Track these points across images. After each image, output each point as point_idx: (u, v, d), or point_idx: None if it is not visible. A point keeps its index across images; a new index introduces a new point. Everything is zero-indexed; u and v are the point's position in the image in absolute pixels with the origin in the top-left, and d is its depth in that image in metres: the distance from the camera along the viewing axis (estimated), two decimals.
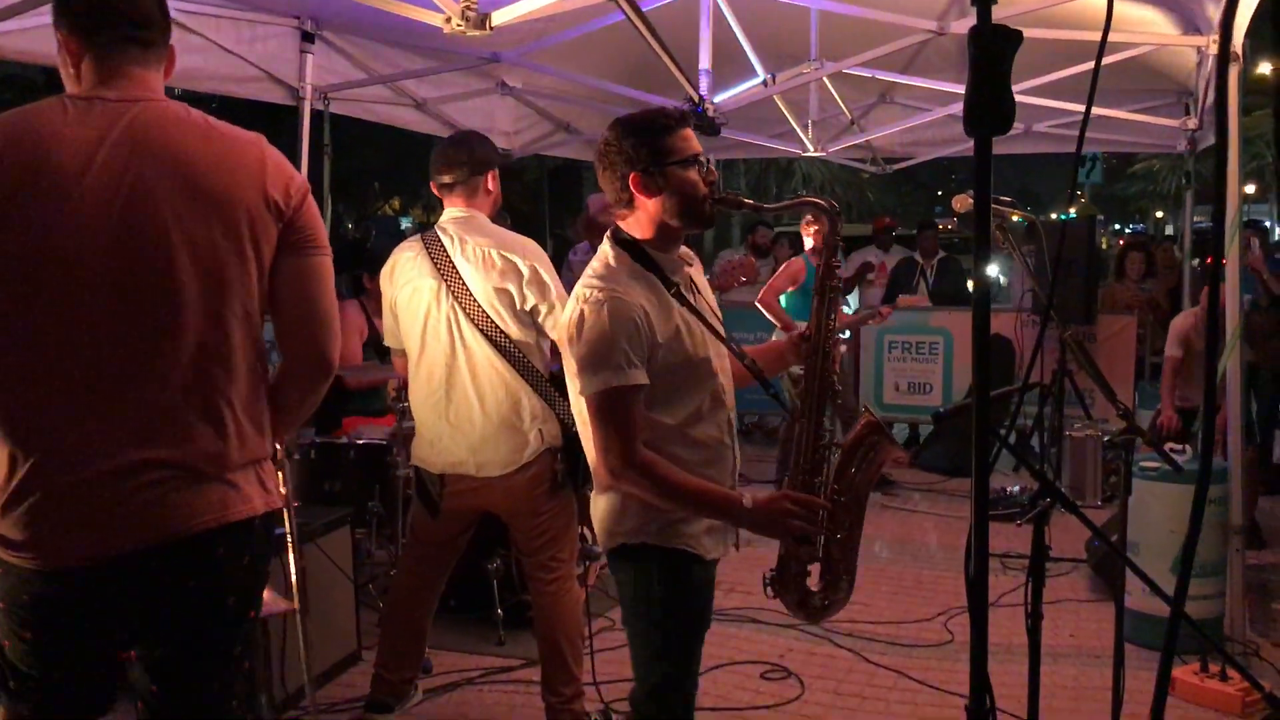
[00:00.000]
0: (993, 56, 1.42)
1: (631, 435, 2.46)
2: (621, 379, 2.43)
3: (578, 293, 2.55)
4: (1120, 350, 8.20)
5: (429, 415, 3.67)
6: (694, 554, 2.61)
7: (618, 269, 2.57)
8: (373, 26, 5.82)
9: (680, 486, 2.50)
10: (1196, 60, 6.32)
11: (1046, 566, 2.73)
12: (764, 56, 6.01)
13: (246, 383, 2.14)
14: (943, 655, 4.71)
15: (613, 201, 2.66)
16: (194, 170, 2.05)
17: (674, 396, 2.56)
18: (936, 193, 60.98)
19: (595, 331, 2.45)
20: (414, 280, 3.64)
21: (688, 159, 2.57)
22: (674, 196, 2.56)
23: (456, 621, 4.81)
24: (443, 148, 3.73)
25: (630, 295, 2.49)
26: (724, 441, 2.68)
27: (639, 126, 2.59)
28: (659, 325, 2.51)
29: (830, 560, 2.68)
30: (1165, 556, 4.60)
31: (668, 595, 2.62)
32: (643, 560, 2.60)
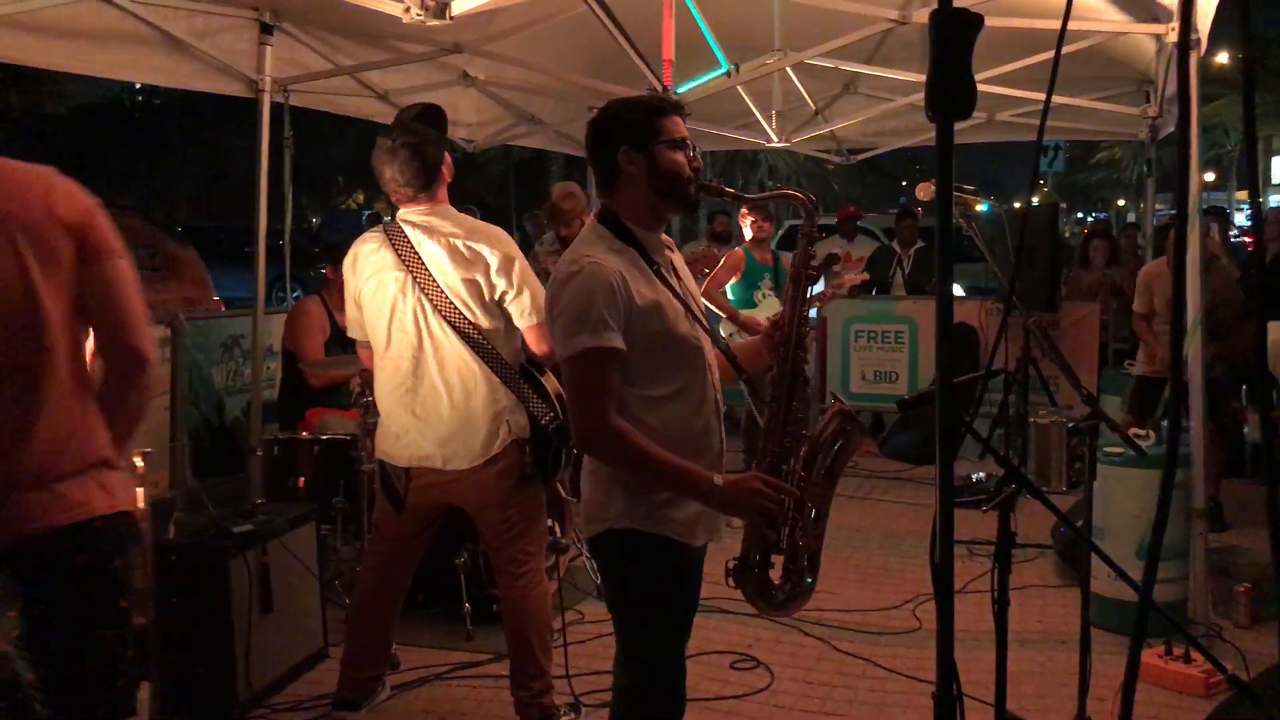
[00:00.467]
0: (953, 41, 1.41)
1: (605, 400, 2.47)
2: (597, 340, 2.44)
3: (555, 274, 2.58)
4: (1084, 337, 8.27)
5: (395, 408, 3.63)
6: (681, 542, 2.61)
7: (596, 242, 2.60)
8: (333, 18, 5.76)
9: (651, 458, 2.49)
10: (1156, 48, 6.36)
11: (1013, 553, 2.74)
12: (727, 47, 6.01)
13: (63, 393, 2.28)
14: (911, 642, 4.73)
15: (598, 177, 2.69)
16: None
17: (655, 371, 2.56)
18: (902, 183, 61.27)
19: (570, 296, 2.48)
20: (379, 273, 3.59)
21: (676, 141, 2.62)
22: (660, 175, 2.60)
23: (424, 617, 4.77)
24: (388, 162, 3.55)
25: (606, 262, 2.51)
26: (709, 425, 2.67)
27: (632, 105, 2.68)
28: (637, 292, 2.52)
29: (795, 552, 2.66)
30: (1130, 541, 4.63)
31: (654, 581, 2.62)
32: (629, 546, 2.60)
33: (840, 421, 2.67)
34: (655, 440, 2.51)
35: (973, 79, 1.46)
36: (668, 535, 2.59)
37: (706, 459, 2.64)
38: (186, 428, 6.56)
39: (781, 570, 2.69)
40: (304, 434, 5.19)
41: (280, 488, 5.10)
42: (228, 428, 6.93)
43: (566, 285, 2.50)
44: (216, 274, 10.12)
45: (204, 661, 3.89)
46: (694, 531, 2.64)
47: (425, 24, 3.83)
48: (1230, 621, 4.79)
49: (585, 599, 5.19)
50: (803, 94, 7.75)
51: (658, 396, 2.56)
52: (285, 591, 4.16)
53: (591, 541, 2.70)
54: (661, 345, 2.56)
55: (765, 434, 2.67)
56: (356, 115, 7.02)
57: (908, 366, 8.99)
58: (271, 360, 6.85)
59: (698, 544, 2.67)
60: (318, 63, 6.11)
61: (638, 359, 2.51)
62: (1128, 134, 8.75)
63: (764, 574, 2.67)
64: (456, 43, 5.82)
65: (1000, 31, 5.32)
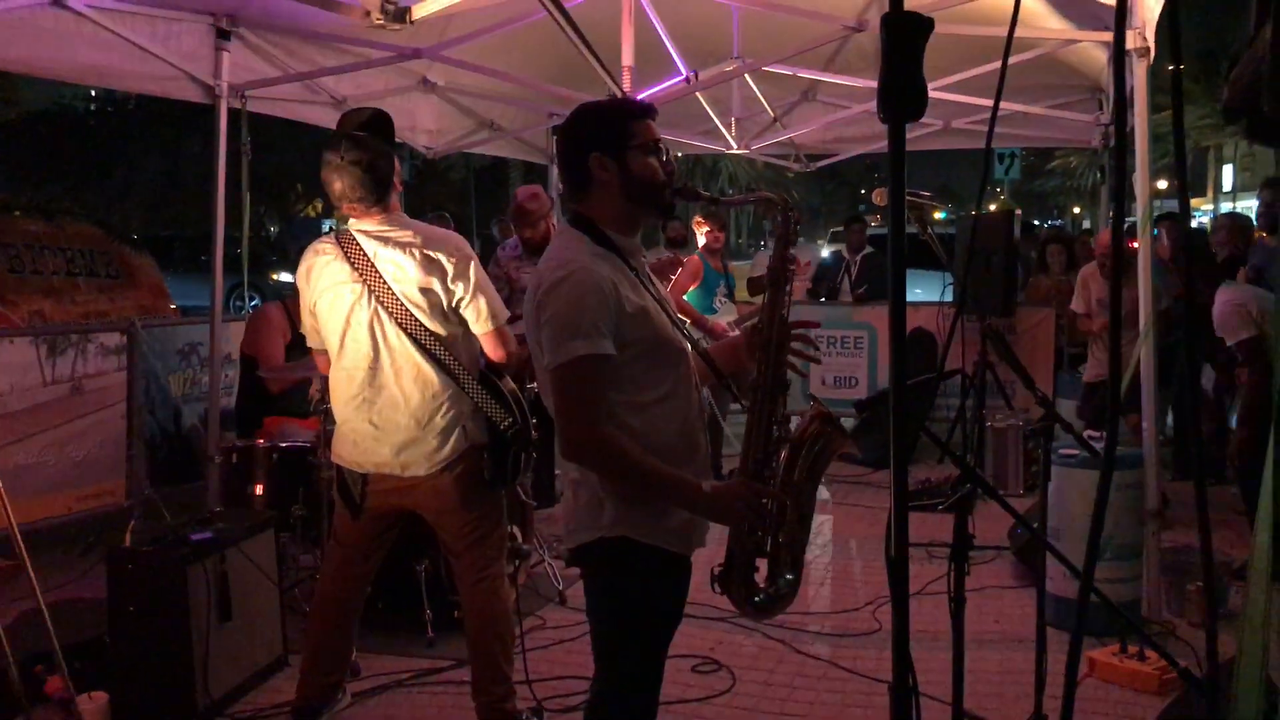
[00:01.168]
0: (905, 43, 1.43)
1: (596, 407, 2.44)
2: (589, 347, 2.40)
3: (540, 280, 2.51)
4: (1039, 341, 8.38)
5: (352, 416, 3.62)
6: (672, 552, 2.58)
7: (578, 248, 2.54)
8: (291, 23, 5.73)
9: (640, 466, 2.46)
10: (1107, 56, 6.46)
11: (970, 555, 2.78)
12: (686, 54, 6.03)
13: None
14: (871, 644, 4.77)
15: (570, 183, 2.64)
16: None
17: (643, 376, 2.53)
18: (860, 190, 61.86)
19: (561, 302, 2.42)
20: (334, 284, 3.58)
21: (649, 144, 2.58)
22: (634, 181, 2.56)
23: (385, 623, 4.75)
24: (339, 176, 3.51)
25: (595, 267, 2.47)
26: (694, 428, 2.65)
27: (603, 109, 2.66)
28: (626, 298, 2.49)
29: (777, 555, 2.64)
30: (1085, 542, 4.68)
31: (642, 592, 2.59)
32: (621, 555, 2.55)
33: (820, 423, 2.66)
34: (643, 445, 2.49)
35: (923, 81, 1.49)
36: (661, 546, 2.56)
37: (695, 462, 2.63)
38: (143, 436, 6.50)
39: (766, 573, 2.67)
40: (262, 442, 5.16)
41: (238, 496, 5.05)
42: (185, 436, 6.87)
43: (556, 291, 2.45)
44: (173, 283, 10.05)
45: (162, 670, 3.85)
46: (687, 541, 2.62)
47: (386, 28, 3.82)
48: (1183, 620, 4.86)
49: (547, 605, 5.19)
50: (761, 101, 7.81)
51: (645, 401, 2.53)
52: (244, 599, 4.13)
53: (579, 550, 2.64)
54: (649, 350, 2.54)
55: (747, 438, 2.64)
56: (315, 122, 6.98)
57: (867, 371, 9.07)
58: (229, 368, 6.80)
59: (689, 552, 2.65)
60: (275, 69, 6.08)
61: (626, 364, 2.48)
62: (1081, 141, 8.87)
63: (750, 578, 2.64)
64: (416, 48, 5.81)
65: (955, 39, 5.40)
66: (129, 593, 3.85)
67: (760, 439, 2.61)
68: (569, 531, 2.66)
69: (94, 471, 6.18)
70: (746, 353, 2.77)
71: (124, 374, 6.43)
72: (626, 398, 2.50)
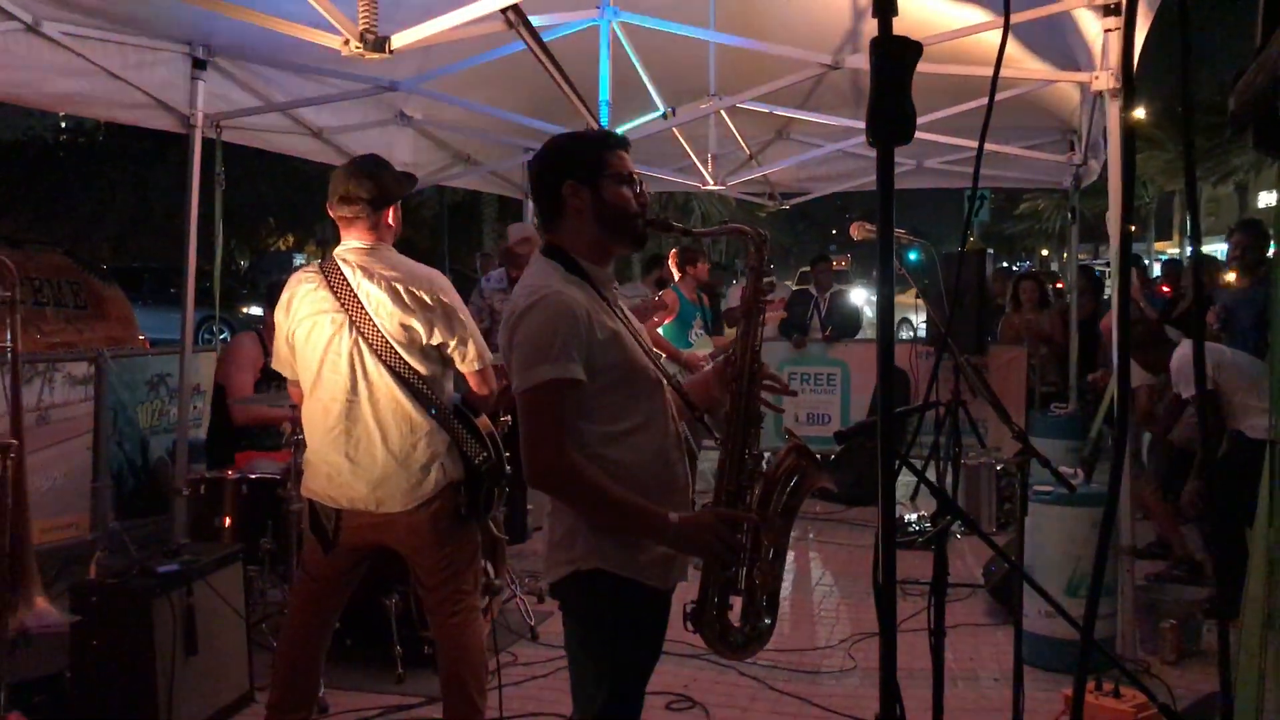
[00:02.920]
0: (894, 66, 1.43)
1: (562, 434, 2.39)
2: (558, 372, 2.37)
3: (514, 307, 2.49)
4: (1011, 380, 8.42)
5: (327, 449, 3.56)
6: (649, 586, 2.52)
7: (551, 274, 2.53)
8: (268, 53, 5.71)
9: (607, 495, 2.41)
10: (1080, 97, 6.54)
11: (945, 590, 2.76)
12: (664, 91, 6.07)
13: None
14: (846, 681, 4.74)
15: (543, 212, 2.63)
16: None
17: (618, 405, 2.48)
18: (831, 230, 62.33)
19: (532, 327, 2.41)
20: (314, 314, 3.54)
21: (623, 175, 2.58)
22: (607, 210, 2.55)
23: (354, 660, 4.68)
24: (347, 176, 3.59)
25: (566, 292, 2.45)
26: (673, 458, 2.60)
27: (578, 138, 2.67)
28: (599, 323, 2.46)
29: (753, 592, 2.58)
30: (1060, 578, 4.69)
31: (620, 626, 2.53)
32: (596, 588, 2.49)
33: (796, 457, 2.62)
34: (621, 476, 2.44)
35: (912, 105, 1.49)
36: (637, 579, 2.50)
37: (674, 493, 2.57)
38: (110, 468, 6.40)
39: (740, 611, 2.59)
40: (230, 473, 5.08)
41: (206, 528, 4.98)
42: (151, 468, 6.77)
43: (526, 316, 2.43)
44: (142, 315, 9.96)
45: (125, 705, 3.76)
46: (664, 574, 2.56)
47: (365, 57, 3.81)
48: (1157, 658, 4.87)
49: (518, 641, 5.13)
50: (738, 138, 7.85)
51: (620, 431, 2.48)
52: (210, 633, 4.05)
53: (557, 585, 2.58)
54: (623, 378, 2.49)
55: (720, 472, 2.59)
56: (290, 153, 6.95)
57: (839, 408, 9.08)
58: (198, 400, 6.72)
59: (665, 588, 2.58)
60: (251, 98, 6.05)
61: (600, 393, 2.44)
62: (1052, 182, 8.97)
63: (723, 616, 2.57)
64: (393, 81, 5.81)
65: (928, 78, 5.44)
66: (93, 626, 3.77)
67: (733, 471, 2.56)
68: (547, 565, 2.61)
69: (59, 503, 6.07)
70: (718, 385, 2.74)
71: (90, 404, 6.34)
72: (600, 428, 2.46)
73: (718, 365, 2.77)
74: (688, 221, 31.40)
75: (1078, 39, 5.14)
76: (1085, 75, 5.01)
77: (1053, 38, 5.34)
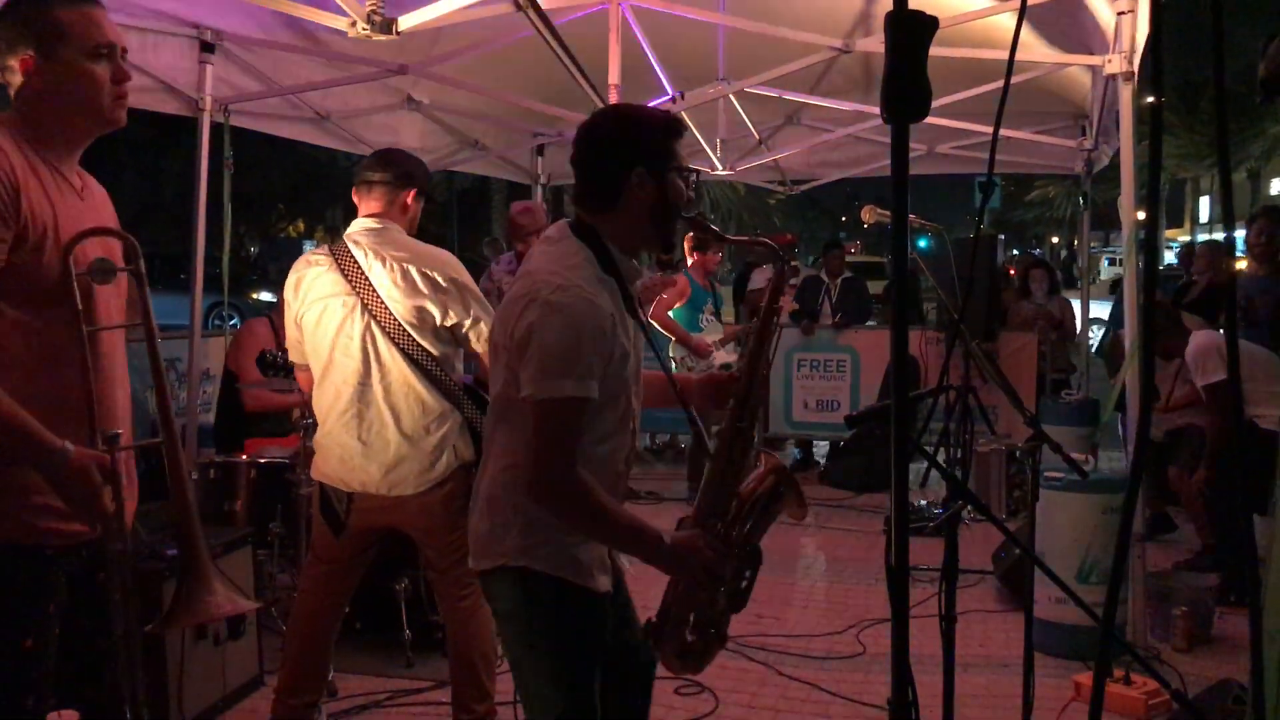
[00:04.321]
0: (910, 42, 1.41)
1: (574, 452, 2.27)
2: (581, 390, 2.22)
3: (535, 290, 2.30)
4: (1022, 366, 8.39)
5: (339, 432, 3.55)
6: (577, 585, 2.40)
7: (584, 269, 2.34)
8: (276, 36, 5.69)
9: (608, 514, 2.31)
10: (1091, 82, 6.50)
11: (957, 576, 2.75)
12: (673, 75, 6.03)
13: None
14: (855, 667, 4.72)
15: (588, 190, 2.43)
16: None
17: (603, 410, 2.36)
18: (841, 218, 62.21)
19: (560, 332, 2.22)
20: (325, 296, 3.52)
21: (687, 170, 2.42)
22: (667, 205, 2.38)
23: (363, 644, 4.68)
24: (377, 153, 3.72)
25: (598, 299, 2.28)
26: (619, 469, 2.51)
27: (648, 121, 2.42)
28: (617, 345, 2.32)
29: (714, 610, 2.49)
30: (1070, 565, 4.67)
31: (557, 621, 2.41)
32: (526, 584, 2.39)
33: (775, 480, 2.48)
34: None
35: (927, 81, 1.46)
36: (563, 577, 2.39)
37: (616, 491, 2.48)
38: None
39: (693, 624, 2.49)
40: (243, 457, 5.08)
41: (216, 512, 4.98)
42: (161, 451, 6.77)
43: (554, 315, 2.23)
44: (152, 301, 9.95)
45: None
46: (592, 575, 2.43)
47: (371, 39, 3.79)
48: (1168, 645, 4.85)
49: None
50: (747, 123, 7.82)
51: (595, 436, 2.37)
52: None
53: (483, 576, 2.48)
54: (612, 397, 2.37)
55: (705, 489, 2.49)
56: (298, 138, 6.94)
57: (849, 394, 9.06)
58: (207, 384, 6.72)
59: (597, 589, 2.46)
60: (259, 83, 6.04)
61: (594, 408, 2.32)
62: (1064, 168, 8.92)
63: (682, 634, 2.48)
64: (401, 64, 5.79)
65: (940, 63, 5.41)
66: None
67: (718, 493, 2.46)
68: (474, 555, 2.50)
69: None
70: (716, 400, 2.65)
71: None
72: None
73: (717, 378, 2.69)
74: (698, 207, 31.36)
75: (1090, 22, 5.09)
76: (1098, 58, 4.97)
77: (1064, 21, 5.30)
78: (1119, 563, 1.62)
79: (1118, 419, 7.40)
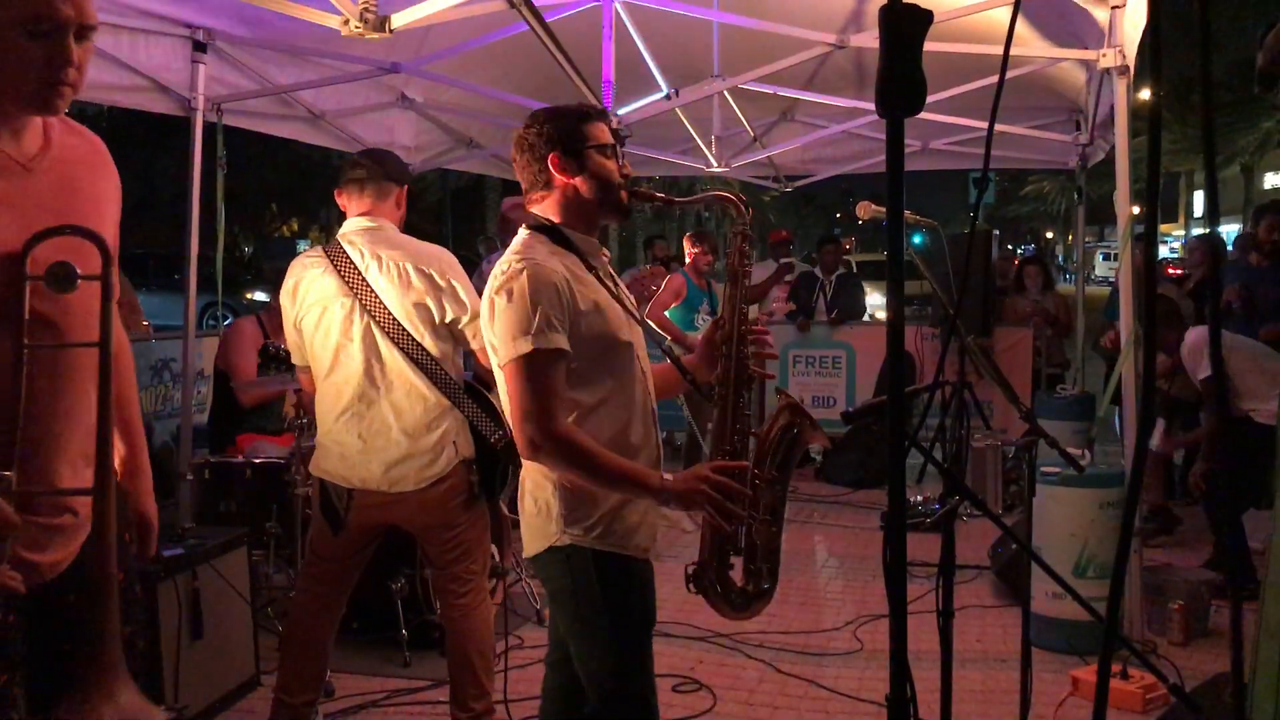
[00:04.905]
0: (904, 35, 1.40)
1: (553, 403, 2.42)
2: (542, 342, 2.39)
3: (495, 273, 2.52)
4: (1017, 362, 8.38)
5: (339, 431, 3.54)
6: (625, 555, 2.56)
7: (535, 246, 2.55)
8: (269, 36, 5.67)
9: (600, 461, 2.44)
10: (1086, 77, 6.49)
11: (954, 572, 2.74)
12: (667, 72, 6.02)
13: None
14: (852, 663, 4.72)
15: (528, 187, 2.67)
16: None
17: (593, 374, 2.52)
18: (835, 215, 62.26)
19: (515, 298, 2.43)
20: (323, 300, 3.52)
21: (605, 146, 2.62)
22: (591, 180, 2.59)
23: (360, 644, 4.68)
24: (363, 152, 3.76)
25: (548, 263, 2.48)
26: (642, 428, 2.62)
27: (561, 112, 2.65)
28: (579, 295, 2.49)
29: (753, 548, 2.60)
30: (1067, 560, 4.67)
31: (610, 595, 2.55)
32: (570, 562, 2.54)
33: (790, 414, 2.62)
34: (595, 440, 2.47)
35: (923, 75, 1.46)
36: (611, 550, 2.54)
37: (644, 460, 2.60)
38: None
39: (742, 571, 2.62)
40: (238, 457, 5.07)
41: (211, 512, 4.97)
42: (156, 453, 6.76)
43: (507, 286, 2.45)
44: (145, 301, 9.95)
45: None
46: (635, 541, 2.59)
47: (365, 37, 3.78)
48: (1165, 639, 4.85)
49: (525, 624, 5.12)
50: (742, 120, 7.80)
51: (590, 405, 2.52)
52: (216, 617, 4.04)
53: (535, 560, 2.63)
54: (600, 350, 2.53)
55: (714, 433, 2.62)
56: (291, 136, 6.91)
57: (845, 391, 9.05)
58: (201, 385, 6.70)
59: (640, 554, 2.61)
60: (252, 82, 6.01)
61: (577, 359, 2.47)
62: (1058, 163, 8.91)
63: (724, 576, 2.61)
64: (394, 62, 5.77)
65: (933, 58, 5.40)
66: None
67: (728, 432, 2.59)
68: (524, 540, 2.65)
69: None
70: (708, 348, 2.75)
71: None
72: (577, 396, 2.50)
73: (708, 330, 2.77)
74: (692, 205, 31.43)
75: (1084, 16, 5.09)
76: (1092, 53, 4.96)
77: (1058, 15, 5.29)
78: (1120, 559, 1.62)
79: (1115, 413, 7.40)
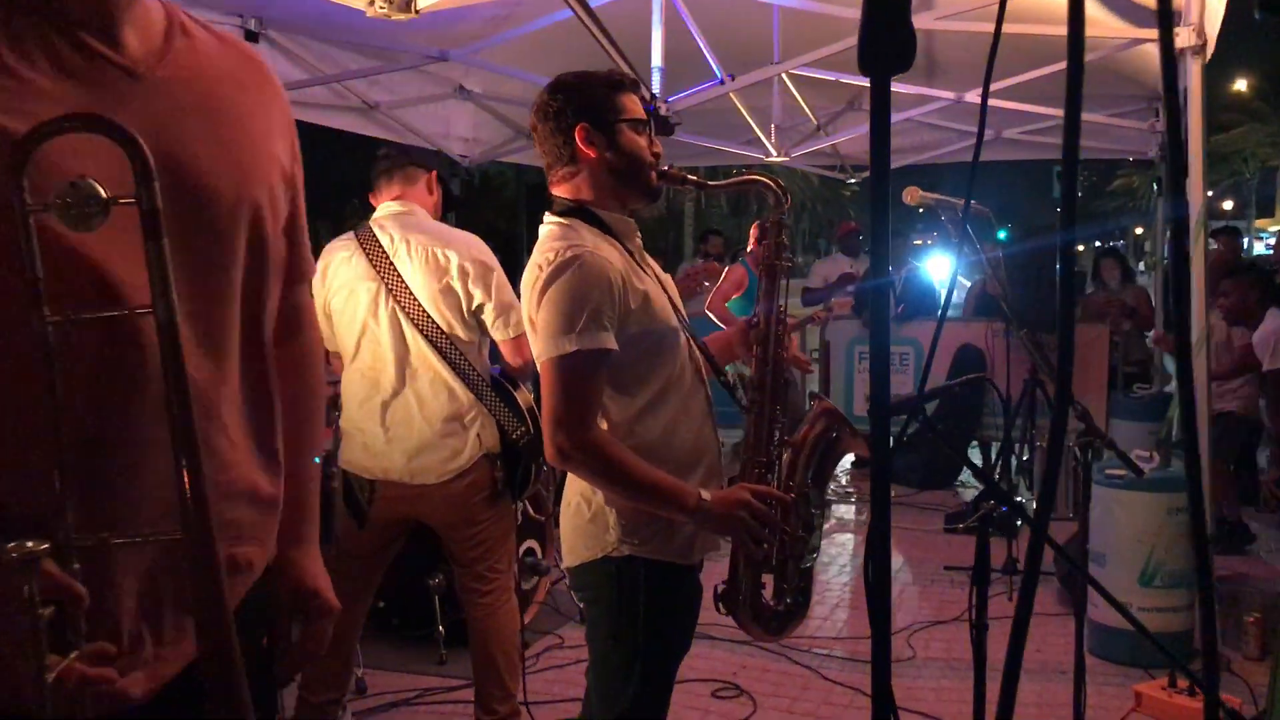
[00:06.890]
0: None
1: (590, 409, 2.23)
2: (587, 341, 2.19)
3: (538, 259, 2.29)
4: (1093, 359, 8.05)
5: (365, 420, 3.48)
6: (682, 565, 2.39)
7: (579, 231, 2.32)
8: (318, 24, 5.63)
9: (634, 473, 2.24)
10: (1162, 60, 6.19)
11: (1012, 579, 2.58)
12: (723, 60, 5.85)
13: None
14: (903, 671, 4.52)
15: (551, 161, 2.42)
16: None
17: (643, 371, 2.32)
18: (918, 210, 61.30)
19: (564, 290, 2.21)
20: (350, 282, 3.46)
21: (637, 120, 2.39)
22: (621, 156, 2.36)
23: (398, 640, 4.61)
24: (388, 145, 3.83)
25: (602, 251, 2.27)
26: (695, 424, 2.42)
27: (589, 80, 2.41)
28: (632, 289, 2.29)
29: (784, 569, 2.43)
30: (1133, 568, 4.43)
31: (653, 613, 2.36)
32: (626, 573, 2.35)
33: (827, 421, 2.45)
34: (648, 447, 2.29)
35: (911, 27, 1.30)
36: (669, 560, 2.36)
37: (706, 459, 2.42)
38: None
39: (773, 590, 2.45)
40: None
41: None
42: None
43: (559, 276, 2.22)
44: None
45: None
46: (696, 551, 2.43)
47: (390, 18, 3.70)
48: (1239, 653, 4.58)
49: (567, 623, 5.01)
50: (804, 108, 7.60)
51: (645, 404, 2.32)
52: None
53: (580, 569, 2.44)
54: (650, 345, 2.33)
55: (748, 441, 2.45)
56: (344, 128, 6.87)
57: (914, 388, 8.80)
58: None
59: (695, 561, 2.45)
60: (304, 72, 5.98)
61: (625, 357, 2.27)
62: (1137, 152, 8.58)
63: (756, 596, 2.43)
64: (443, 50, 5.69)
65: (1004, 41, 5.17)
66: None
67: (762, 442, 2.41)
68: (568, 548, 2.45)
69: None
70: (742, 347, 2.59)
71: None
72: (626, 400, 2.31)
73: (740, 327, 2.62)
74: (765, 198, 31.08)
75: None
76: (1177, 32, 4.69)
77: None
78: (1204, 573, 1.43)
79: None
